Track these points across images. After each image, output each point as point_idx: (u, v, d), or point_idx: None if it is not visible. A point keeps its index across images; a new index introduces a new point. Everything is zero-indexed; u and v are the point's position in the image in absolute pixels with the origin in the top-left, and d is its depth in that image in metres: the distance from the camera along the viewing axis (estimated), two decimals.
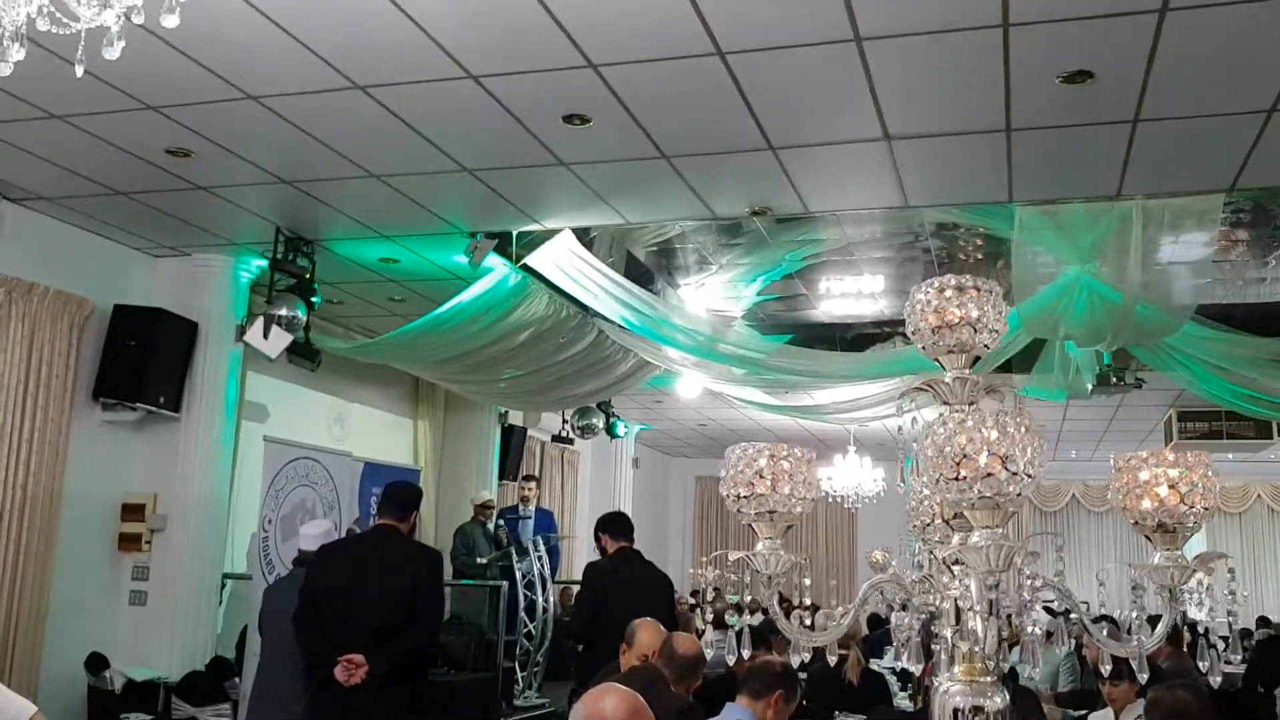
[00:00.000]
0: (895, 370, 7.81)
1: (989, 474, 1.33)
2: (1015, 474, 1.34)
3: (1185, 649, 6.38)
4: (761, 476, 1.56)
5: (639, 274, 7.83)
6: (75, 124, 5.17)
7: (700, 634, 8.19)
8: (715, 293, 8.53)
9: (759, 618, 1.73)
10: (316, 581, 4.73)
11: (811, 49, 4.25)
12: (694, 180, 5.71)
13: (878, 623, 8.70)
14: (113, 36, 2.47)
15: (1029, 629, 1.45)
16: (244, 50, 4.38)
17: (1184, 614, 1.68)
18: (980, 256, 8.15)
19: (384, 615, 4.59)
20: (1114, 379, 8.20)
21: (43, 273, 6.37)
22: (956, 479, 1.34)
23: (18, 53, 2.45)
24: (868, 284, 8.43)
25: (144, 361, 6.78)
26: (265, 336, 6.73)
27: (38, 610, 6.27)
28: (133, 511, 7.03)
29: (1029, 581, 1.44)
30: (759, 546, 1.56)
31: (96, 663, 6.64)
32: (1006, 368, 8.26)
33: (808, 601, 1.55)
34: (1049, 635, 1.59)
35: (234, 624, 7.50)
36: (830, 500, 13.93)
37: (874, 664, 6.27)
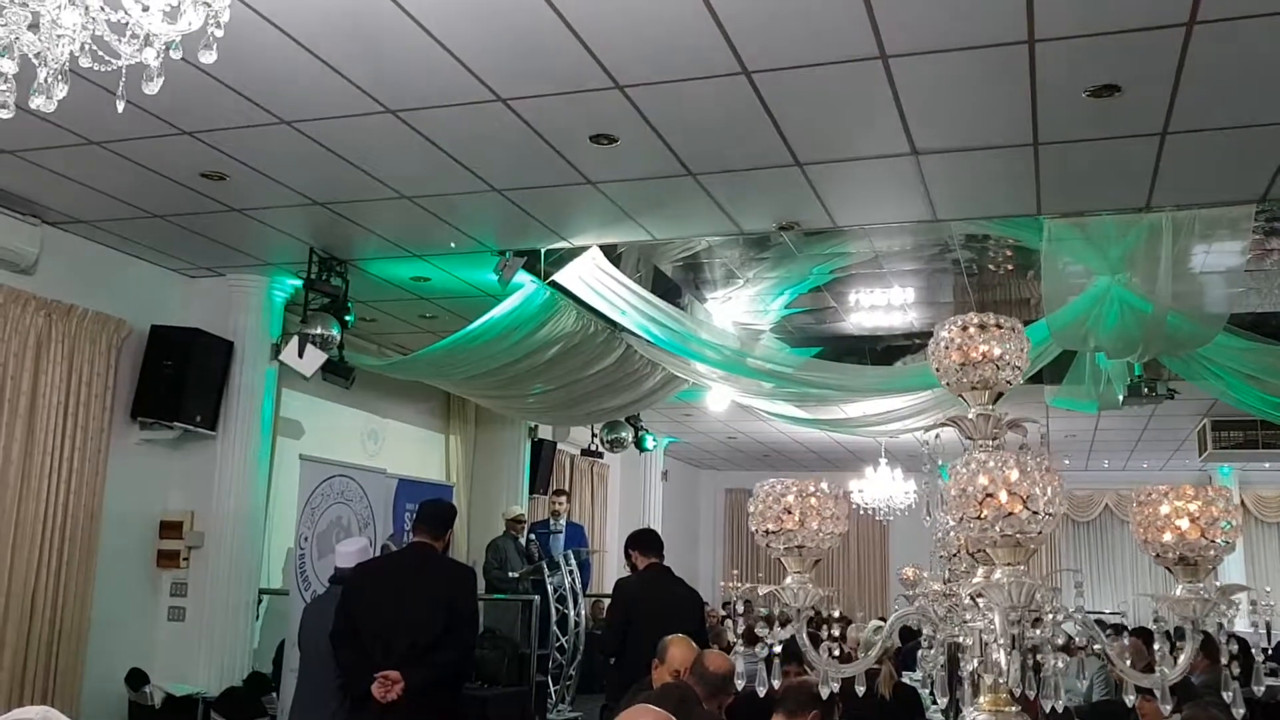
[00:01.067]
0: (925, 383, 7.78)
1: (1010, 513, 1.35)
2: (1036, 513, 1.36)
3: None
4: (789, 513, 1.58)
5: (666, 289, 7.86)
6: (113, 149, 5.28)
7: (730, 648, 8.18)
8: (743, 306, 8.55)
9: (790, 630, 1.75)
10: (353, 599, 4.79)
11: (837, 67, 4.27)
12: (721, 197, 5.74)
13: (910, 635, 8.65)
14: (153, 72, 2.55)
15: (1051, 662, 1.46)
16: (278, 76, 4.46)
17: (1220, 625, 1.67)
18: (1010, 267, 8.11)
19: (420, 632, 4.64)
20: (1146, 390, 8.14)
21: (81, 295, 6.49)
22: (979, 518, 1.36)
23: (61, 90, 2.53)
24: (897, 296, 8.42)
25: (181, 381, 6.89)
26: (300, 355, 6.82)
27: (79, 626, 6.37)
28: (170, 529, 7.13)
29: (1051, 616, 1.46)
30: (788, 580, 1.58)
31: (137, 678, 6.74)
32: (1037, 379, 8.21)
33: (836, 633, 1.57)
34: (1070, 653, 1.59)
35: (271, 640, 7.58)
36: (862, 513, 13.88)
37: (906, 676, 6.22)
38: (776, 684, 1.53)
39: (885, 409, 8.73)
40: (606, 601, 8.26)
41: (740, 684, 1.70)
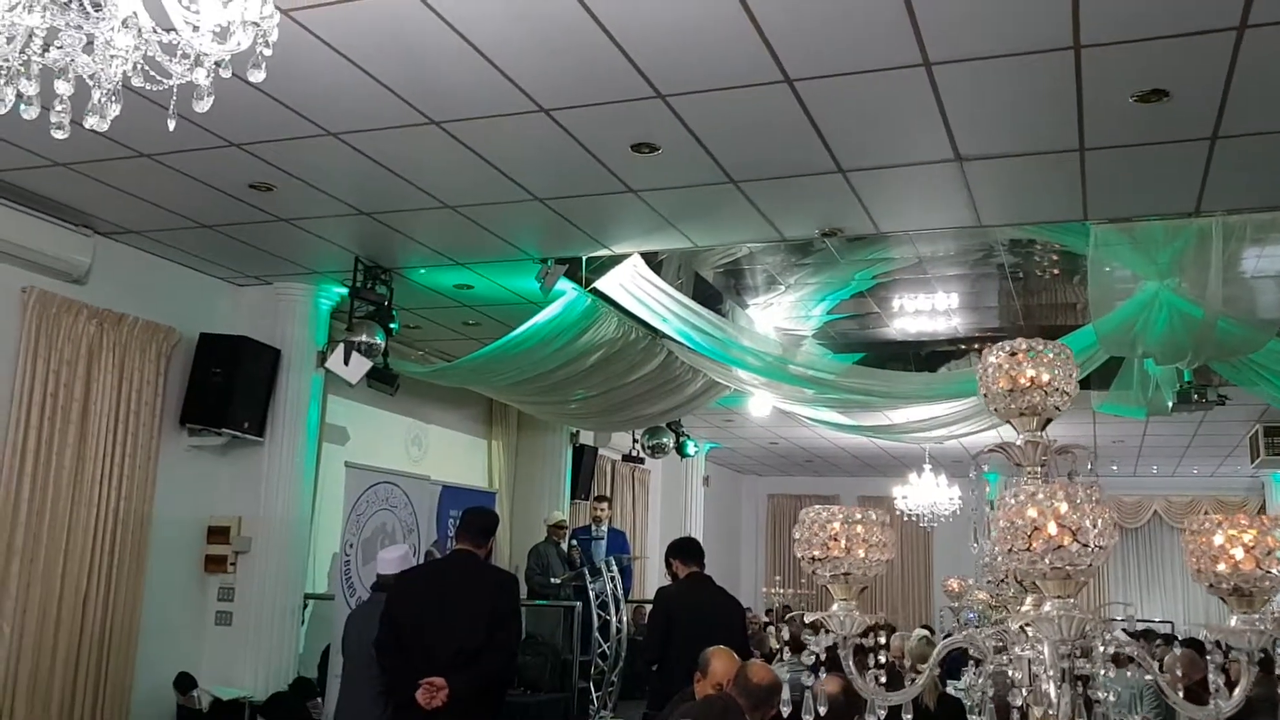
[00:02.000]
0: (970, 390, 7.71)
1: (1059, 546, 1.33)
2: (1086, 546, 1.34)
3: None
4: (835, 540, 1.57)
5: (707, 295, 7.85)
6: (163, 162, 5.37)
7: (773, 656, 8.15)
8: (784, 312, 8.52)
9: (832, 638, 1.74)
10: (397, 607, 4.82)
11: (880, 74, 4.25)
12: (763, 204, 5.72)
13: None
14: (203, 91, 2.59)
15: (1102, 695, 1.44)
16: (324, 90, 4.52)
17: (1275, 640, 1.63)
18: (1056, 272, 8.03)
19: (463, 639, 4.66)
20: (1195, 396, 8.00)
21: (132, 304, 6.59)
22: (1027, 550, 1.34)
23: (114, 109, 2.57)
24: (941, 301, 8.36)
25: (229, 388, 6.98)
26: (346, 363, 6.89)
27: (130, 630, 6.47)
28: (218, 534, 7.22)
29: (1103, 649, 1.44)
30: (834, 608, 1.57)
31: (185, 682, 6.83)
32: (1084, 385, 8.11)
33: (882, 660, 1.56)
34: (1118, 663, 1.56)
35: (316, 644, 7.66)
36: (905, 519, 13.77)
37: (950, 686, 6.16)
38: (822, 710, 1.52)
39: (929, 415, 8.66)
40: (648, 607, 8.26)
41: (786, 711, 1.69)
